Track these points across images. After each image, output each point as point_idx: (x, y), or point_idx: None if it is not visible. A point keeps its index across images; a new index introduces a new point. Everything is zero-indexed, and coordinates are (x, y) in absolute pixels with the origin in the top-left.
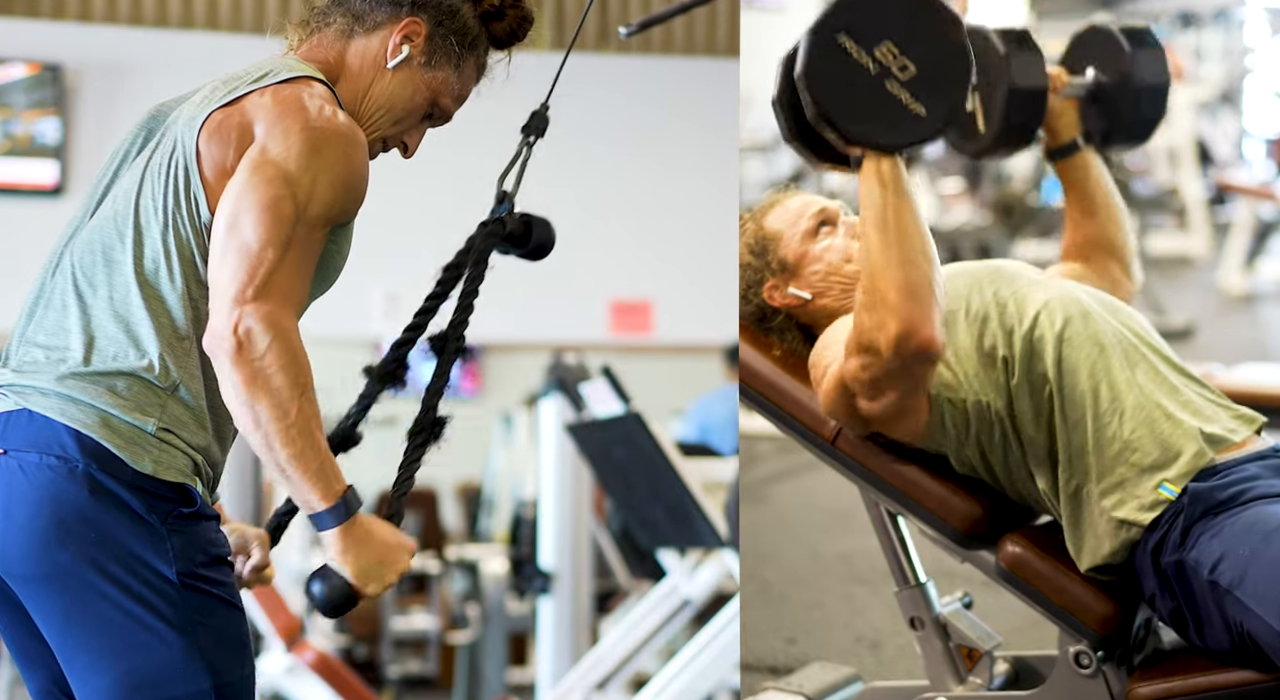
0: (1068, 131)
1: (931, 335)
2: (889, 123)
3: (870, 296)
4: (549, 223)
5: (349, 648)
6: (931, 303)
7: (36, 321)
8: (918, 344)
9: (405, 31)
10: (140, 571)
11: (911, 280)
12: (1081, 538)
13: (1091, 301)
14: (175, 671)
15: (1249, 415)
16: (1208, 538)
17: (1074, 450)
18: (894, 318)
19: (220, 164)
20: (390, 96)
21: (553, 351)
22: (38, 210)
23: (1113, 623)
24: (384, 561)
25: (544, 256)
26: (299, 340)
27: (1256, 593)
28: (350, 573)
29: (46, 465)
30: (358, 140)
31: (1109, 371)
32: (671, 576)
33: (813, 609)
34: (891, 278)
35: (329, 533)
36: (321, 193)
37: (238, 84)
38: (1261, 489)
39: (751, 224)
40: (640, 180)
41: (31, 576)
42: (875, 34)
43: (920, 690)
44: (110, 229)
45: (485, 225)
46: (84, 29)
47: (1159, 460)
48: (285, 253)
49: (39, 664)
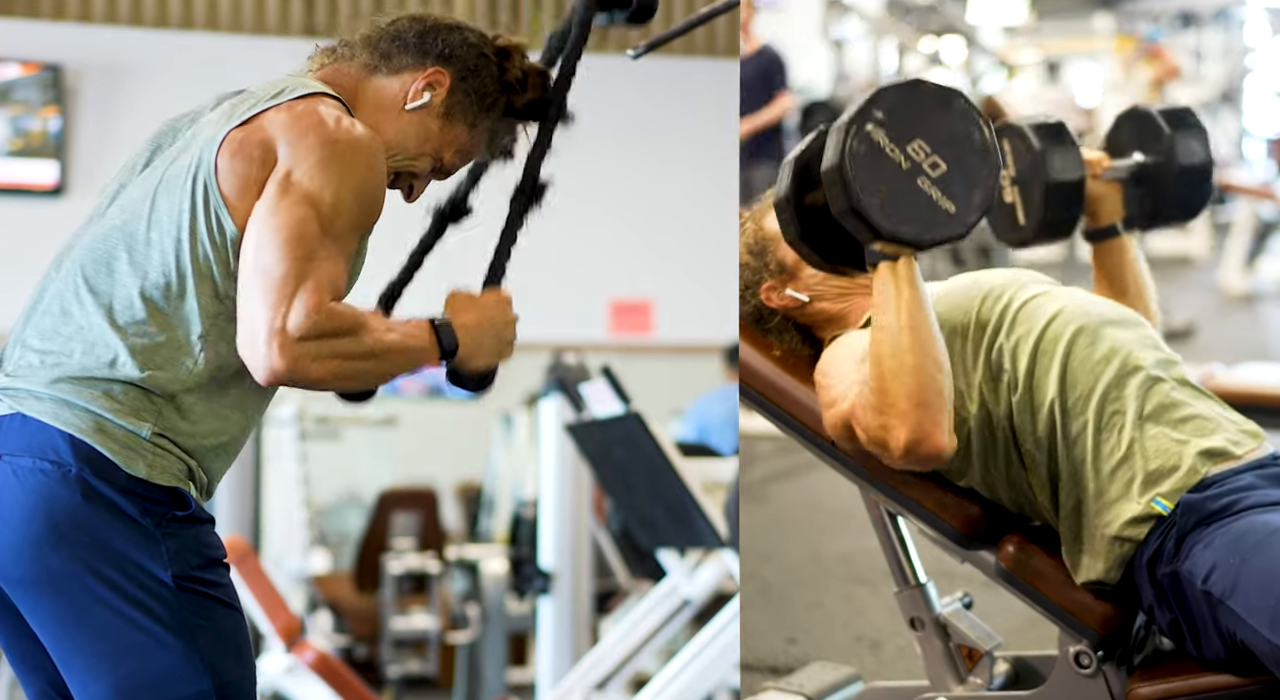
0: (1109, 216)
1: (941, 443)
2: (920, 218)
3: (880, 399)
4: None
5: (349, 648)
6: (941, 409)
7: (33, 326)
8: (926, 451)
9: (430, 80)
10: (135, 575)
11: (923, 388)
12: (1079, 554)
13: (1100, 314)
14: (175, 674)
15: (1253, 430)
16: (1200, 548)
17: (1074, 464)
18: (904, 426)
19: (243, 180)
20: (401, 138)
21: (553, 351)
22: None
23: (1113, 623)
24: (498, 333)
25: (647, 18)
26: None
27: (1248, 602)
28: (484, 366)
29: (40, 470)
30: (376, 149)
31: (1111, 385)
32: (671, 576)
33: (813, 609)
34: (903, 385)
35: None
36: (346, 205)
37: (255, 101)
38: (1255, 498)
39: (751, 224)
40: (640, 180)
41: (26, 581)
42: (907, 131)
43: (920, 690)
44: (117, 239)
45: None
46: (84, 29)
47: (1155, 475)
48: (308, 269)
49: (35, 667)
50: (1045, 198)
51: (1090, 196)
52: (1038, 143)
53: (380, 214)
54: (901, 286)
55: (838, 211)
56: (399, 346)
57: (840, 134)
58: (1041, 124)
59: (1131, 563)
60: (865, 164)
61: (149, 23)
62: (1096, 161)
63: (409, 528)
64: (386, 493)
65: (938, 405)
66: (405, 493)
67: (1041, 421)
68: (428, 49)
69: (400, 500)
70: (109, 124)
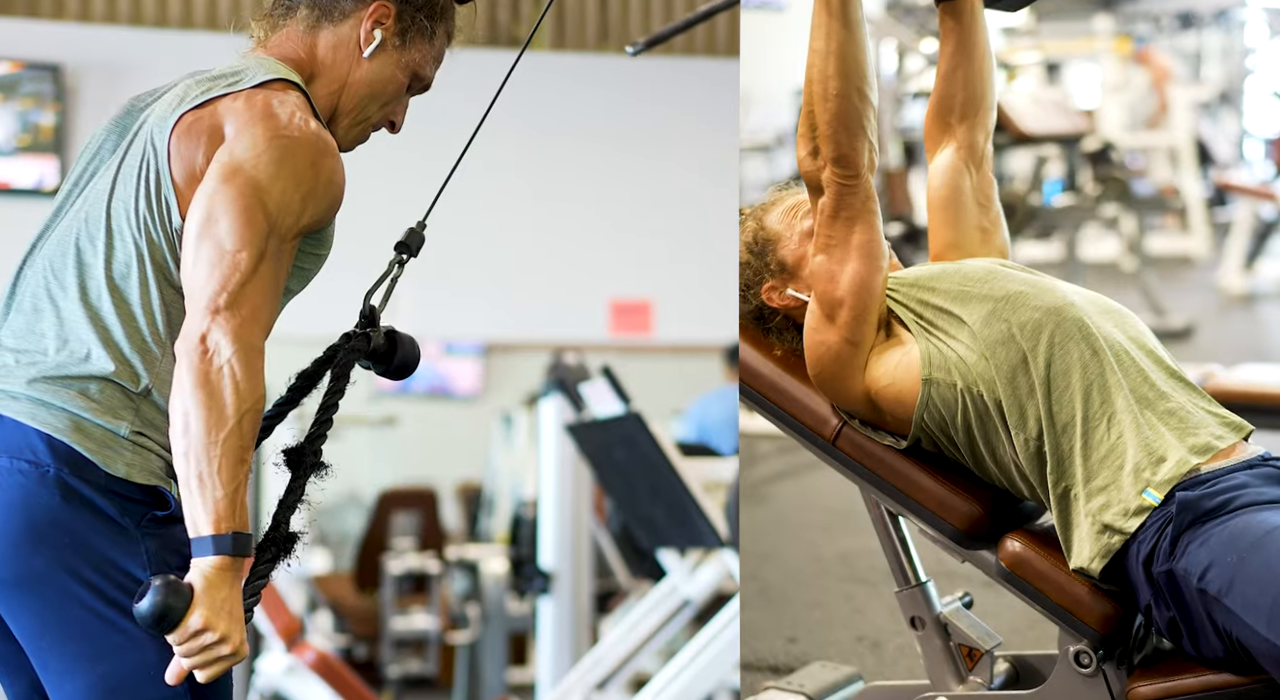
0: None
1: (859, 164)
2: None
3: (806, 123)
4: (414, 340)
5: (349, 648)
6: (860, 134)
7: (7, 325)
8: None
9: (375, 16)
10: (114, 575)
11: (845, 112)
12: (1069, 539)
13: (1087, 305)
14: (151, 675)
15: (1237, 423)
16: (1196, 546)
17: (1062, 453)
18: (826, 145)
19: (190, 167)
20: (371, 82)
21: (553, 351)
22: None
23: (1113, 622)
24: (232, 616)
25: (407, 375)
26: (261, 362)
27: (1245, 600)
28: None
29: (17, 470)
30: (327, 148)
31: (1100, 376)
32: (671, 576)
33: (813, 609)
34: (826, 110)
35: (202, 559)
36: (292, 203)
37: (211, 86)
38: (1250, 497)
39: (751, 222)
40: (640, 180)
41: (5, 582)
42: None
43: (921, 689)
44: (82, 232)
45: (349, 339)
46: (84, 29)
47: (1143, 466)
48: (259, 262)
49: (15, 669)
50: None
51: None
52: None
53: (333, 215)
54: (833, 15)
55: None
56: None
57: None
58: None
59: (1127, 561)
60: None
61: (149, 23)
62: None
63: (409, 528)
64: (386, 493)
65: (856, 129)
66: (405, 493)
67: (1030, 411)
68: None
69: (400, 500)
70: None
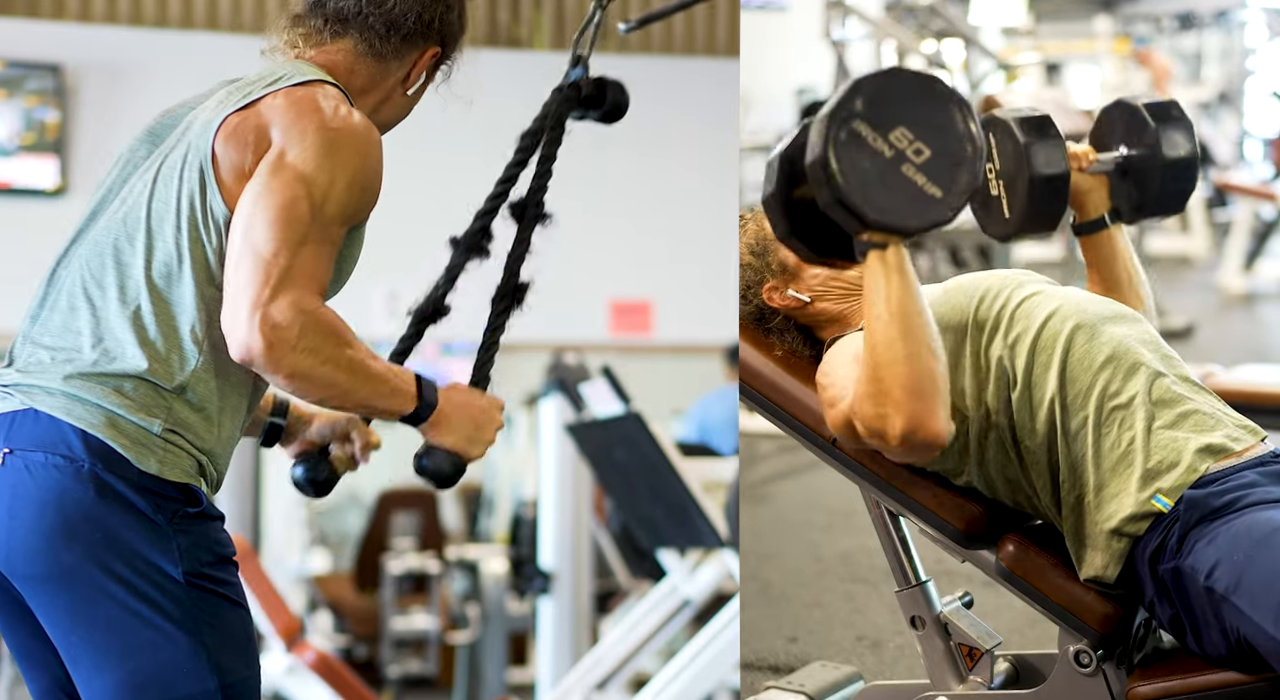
0: (1095, 208)
1: (938, 429)
2: (906, 205)
3: (874, 387)
4: (623, 85)
5: (349, 648)
6: (936, 396)
7: (42, 323)
8: (923, 438)
9: (431, 61)
10: (146, 571)
11: (918, 376)
12: (1082, 550)
13: (1098, 310)
14: (181, 671)
15: (1252, 427)
16: (1204, 544)
17: (1074, 460)
18: (899, 414)
19: (238, 166)
20: (400, 114)
21: (553, 351)
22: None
23: (1113, 621)
24: (479, 425)
25: (619, 118)
26: (327, 311)
27: (1252, 597)
28: (451, 445)
29: (52, 465)
30: (373, 139)
31: (1111, 382)
32: (671, 576)
33: (813, 608)
34: (897, 374)
35: (424, 424)
36: (338, 192)
37: (251, 88)
38: (1258, 495)
39: (753, 224)
40: (640, 180)
41: (37, 576)
42: (889, 119)
43: (921, 689)
44: (120, 232)
45: (560, 90)
46: (84, 29)
47: (1155, 471)
48: (298, 253)
49: (41, 664)
50: (1030, 191)
51: (1076, 190)
52: (1022, 136)
53: (373, 207)
54: (891, 275)
55: (824, 203)
56: (379, 375)
57: (823, 126)
58: (1026, 117)
59: (1133, 558)
60: (849, 154)
61: (149, 23)
62: (1082, 155)
63: (409, 528)
64: (386, 492)
65: (932, 392)
66: (405, 493)
67: (1041, 418)
68: (428, 33)
69: (400, 500)
70: (109, 123)
